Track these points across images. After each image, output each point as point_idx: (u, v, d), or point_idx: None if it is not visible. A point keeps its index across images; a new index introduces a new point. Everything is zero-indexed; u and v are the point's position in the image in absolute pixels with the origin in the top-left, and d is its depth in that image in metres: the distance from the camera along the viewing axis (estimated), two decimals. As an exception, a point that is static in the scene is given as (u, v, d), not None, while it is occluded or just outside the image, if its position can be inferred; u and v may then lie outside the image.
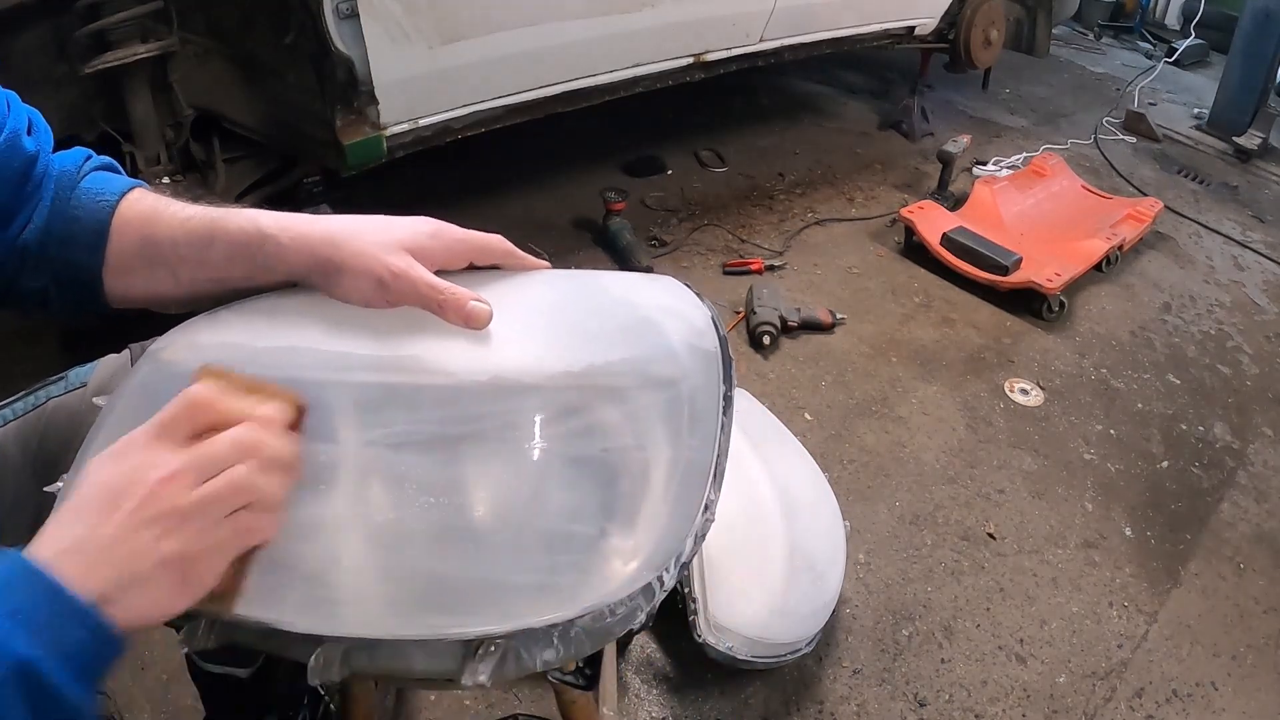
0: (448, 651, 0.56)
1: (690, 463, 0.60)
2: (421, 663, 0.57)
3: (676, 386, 0.62)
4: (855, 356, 2.17)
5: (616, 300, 0.70)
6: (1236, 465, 1.98)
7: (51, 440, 0.73)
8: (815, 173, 3.06)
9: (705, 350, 0.66)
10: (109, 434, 0.58)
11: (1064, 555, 1.69)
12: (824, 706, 1.38)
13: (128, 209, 0.67)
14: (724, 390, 0.65)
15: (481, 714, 1.32)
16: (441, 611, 0.55)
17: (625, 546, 0.56)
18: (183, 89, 1.69)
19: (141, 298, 0.70)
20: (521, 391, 0.59)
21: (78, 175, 0.68)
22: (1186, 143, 3.66)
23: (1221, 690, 1.48)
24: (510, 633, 0.54)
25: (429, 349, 0.61)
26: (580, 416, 0.59)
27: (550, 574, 0.55)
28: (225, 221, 0.65)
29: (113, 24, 1.51)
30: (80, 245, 0.66)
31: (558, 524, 0.56)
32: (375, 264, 0.62)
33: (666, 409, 0.61)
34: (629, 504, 0.57)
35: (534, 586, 0.55)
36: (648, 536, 0.56)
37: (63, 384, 0.77)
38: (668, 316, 0.67)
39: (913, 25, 3.08)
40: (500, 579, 0.55)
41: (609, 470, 0.58)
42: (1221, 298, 2.62)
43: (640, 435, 0.60)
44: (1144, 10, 5.12)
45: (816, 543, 1.41)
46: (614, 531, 0.56)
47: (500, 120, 2.06)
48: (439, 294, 0.62)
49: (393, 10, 1.68)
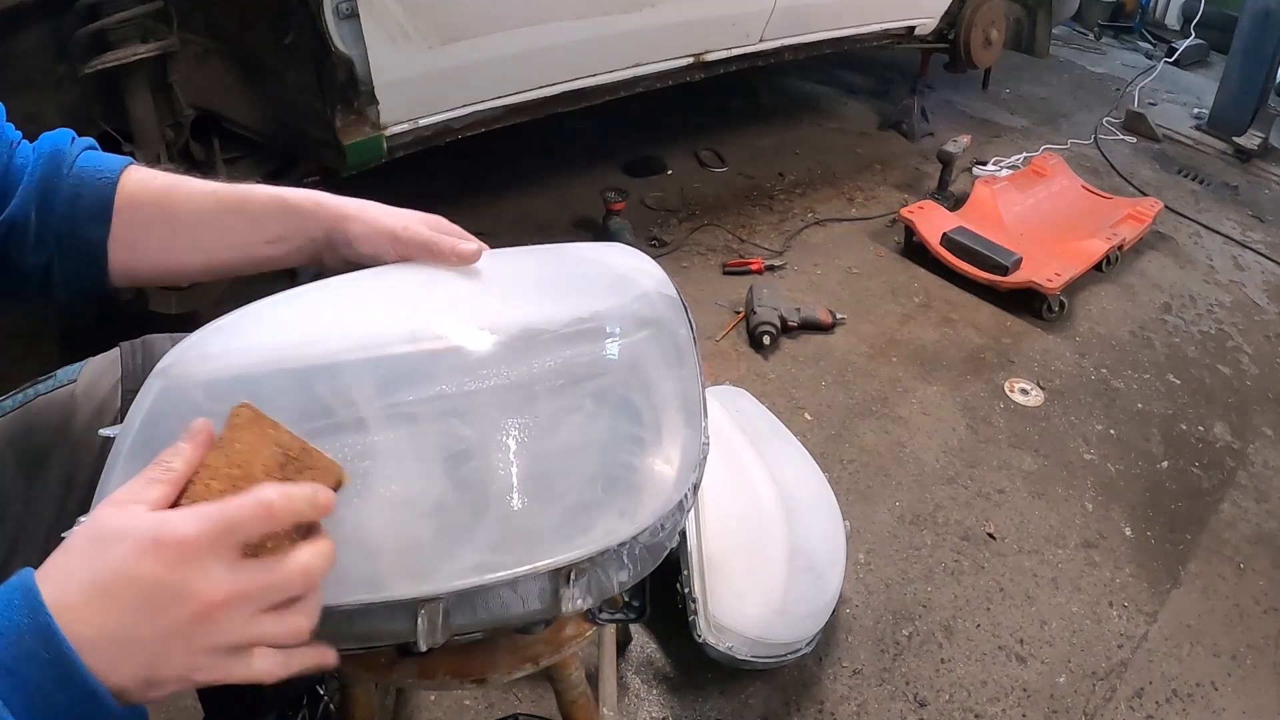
0: (538, 588, 0.60)
1: (686, 392, 0.68)
2: (517, 606, 0.60)
3: (660, 326, 0.70)
4: (855, 356, 2.17)
5: (591, 261, 0.79)
6: (1236, 465, 1.98)
7: (38, 436, 0.73)
8: (815, 173, 3.06)
9: (671, 297, 0.75)
10: (126, 467, 0.56)
11: (1064, 555, 1.69)
12: (824, 706, 1.38)
13: (134, 183, 0.69)
14: (693, 330, 0.74)
15: (481, 714, 1.32)
16: (525, 550, 0.58)
17: (661, 464, 0.63)
18: (183, 89, 1.69)
19: (149, 271, 0.72)
20: (545, 342, 0.64)
21: (70, 152, 0.69)
22: (1186, 143, 3.66)
23: (1221, 690, 1.48)
24: (592, 555, 0.59)
25: (449, 317, 0.66)
26: (596, 357, 0.66)
27: (610, 498, 0.61)
28: (252, 192, 0.71)
29: (113, 24, 1.51)
30: (85, 218, 0.68)
31: (604, 454, 0.62)
32: (388, 219, 0.71)
33: (658, 346, 0.69)
34: (654, 429, 0.64)
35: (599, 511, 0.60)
36: (674, 452, 0.64)
37: (51, 382, 0.77)
38: (635, 272, 0.76)
39: (913, 25, 3.08)
40: (569, 510, 0.60)
41: (629, 402, 0.65)
42: (1221, 298, 2.62)
43: (645, 370, 0.67)
44: (1144, 10, 5.12)
45: (816, 543, 1.41)
46: (649, 453, 0.63)
47: (500, 120, 2.06)
48: (439, 241, 0.70)
49: (393, 10, 1.68)
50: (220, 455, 0.50)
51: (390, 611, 0.56)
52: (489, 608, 0.59)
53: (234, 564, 0.46)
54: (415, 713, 1.31)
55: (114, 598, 0.44)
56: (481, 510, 0.59)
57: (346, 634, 0.57)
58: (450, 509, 0.58)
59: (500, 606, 0.59)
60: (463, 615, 0.59)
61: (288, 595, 0.48)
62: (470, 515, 0.58)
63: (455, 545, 0.57)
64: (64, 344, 1.85)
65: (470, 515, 0.58)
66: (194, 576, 0.45)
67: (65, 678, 0.42)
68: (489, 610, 0.59)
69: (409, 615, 0.57)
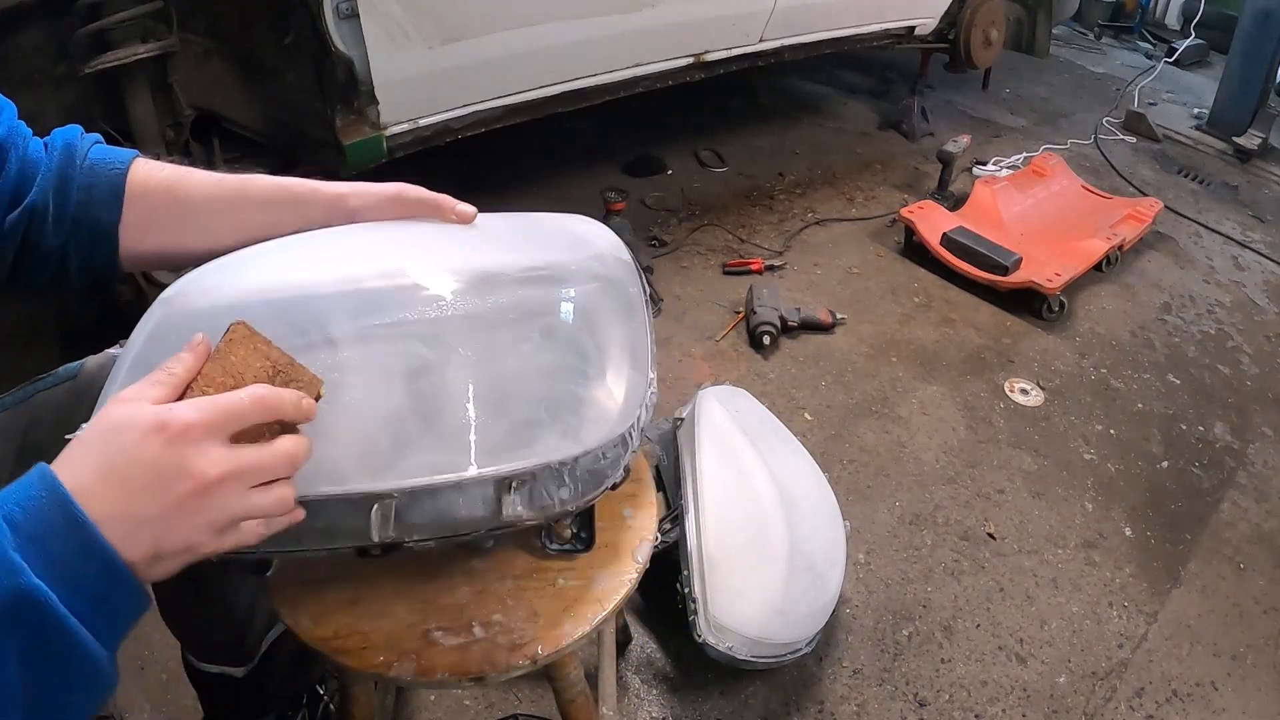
0: (482, 494, 0.65)
1: (634, 340, 0.74)
2: (463, 509, 0.64)
3: (612, 282, 0.77)
4: (855, 356, 2.17)
5: (553, 227, 0.87)
6: (1236, 465, 1.98)
7: (37, 431, 0.75)
8: (815, 173, 3.06)
9: (625, 260, 0.81)
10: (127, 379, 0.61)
11: (1064, 555, 1.69)
12: (824, 706, 1.38)
13: (143, 174, 0.74)
14: (646, 292, 0.80)
15: (481, 714, 1.32)
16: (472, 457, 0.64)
17: (606, 395, 0.70)
18: (183, 89, 1.69)
19: (157, 254, 0.77)
20: (503, 283, 0.72)
21: (82, 146, 0.74)
22: (1186, 143, 3.66)
23: (1221, 690, 1.48)
24: (534, 468, 0.65)
25: (419, 261, 0.74)
26: (549, 299, 0.73)
27: (553, 419, 0.67)
28: (253, 180, 0.77)
29: (113, 24, 1.51)
30: (99, 203, 0.72)
31: (551, 381, 0.69)
32: (384, 186, 0.79)
33: (609, 297, 0.76)
34: (599, 366, 0.71)
35: (544, 430, 0.66)
36: (620, 389, 0.70)
37: (51, 379, 0.80)
38: (593, 237, 0.84)
39: (913, 25, 3.08)
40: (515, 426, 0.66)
41: (578, 341, 0.72)
42: (1221, 298, 2.62)
43: (594, 316, 0.74)
44: (1144, 10, 5.12)
45: (816, 543, 1.41)
46: (594, 386, 0.70)
47: (500, 120, 2.06)
48: (441, 199, 0.79)
49: (393, 10, 1.68)
50: (216, 366, 0.56)
51: (349, 506, 0.62)
52: (437, 508, 0.64)
53: (229, 447, 0.52)
54: (415, 713, 1.31)
55: (124, 479, 0.49)
56: (434, 419, 0.65)
57: (310, 529, 0.61)
58: (406, 417, 0.64)
59: (448, 507, 0.64)
60: (413, 514, 0.64)
61: (273, 475, 0.54)
62: (423, 423, 0.65)
63: (408, 449, 0.64)
64: (64, 344, 1.85)
65: (423, 423, 0.65)
66: (195, 456, 0.51)
67: (87, 548, 0.47)
68: (438, 511, 0.64)
69: (365, 510, 0.62)
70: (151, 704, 1.30)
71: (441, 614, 0.75)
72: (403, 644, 0.73)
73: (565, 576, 0.79)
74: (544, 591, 0.78)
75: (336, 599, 0.76)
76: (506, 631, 0.74)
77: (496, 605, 0.76)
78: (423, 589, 0.77)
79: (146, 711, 1.29)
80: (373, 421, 0.64)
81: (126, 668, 1.31)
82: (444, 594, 0.77)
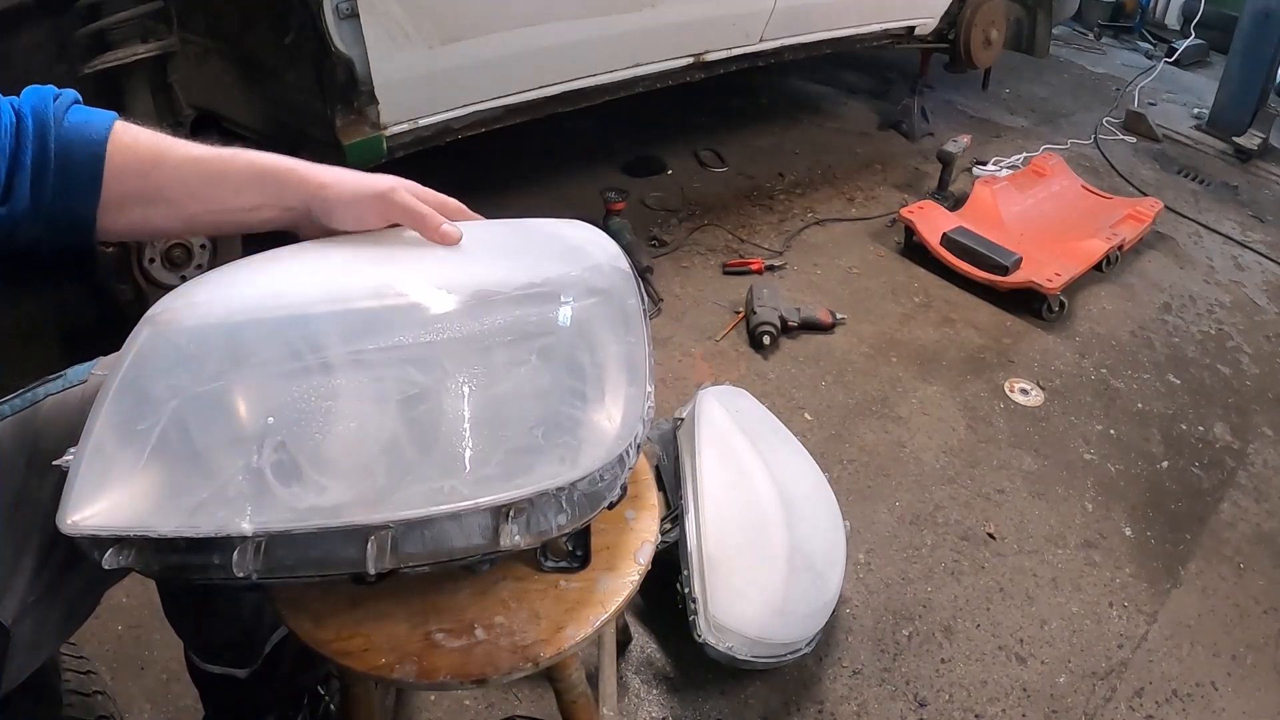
0: (479, 523, 0.63)
1: (631, 355, 0.72)
2: (460, 539, 0.64)
3: (610, 295, 0.75)
4: (855, 356, 2.18)
5: (548, 235, 0.84)
6: (1236, 465, 1.98)
7: (47, 435, 0.74)
8: (815, 173, 3.06)
9: (623, 270, 0.79)
10: (115, 402, 0.61)
11: (1064, 555, 1.69)
12: (824, 706, 1.38)
13: (121, 149, 0.70)
14: (644, 303, 0.78)
15: (481, 714, 1.32)
16: (469, 486, 0.62)
17: (604, 417, 0.68)
18: (183, 89, 1.69)
19: (130, 231, 0.75)
20: (498, 302, 0.71)
21: (54, 119, 0.69)
22: (1186, 143, 3.66)
23: (1221, 690, 1.48)
24: (531, 495, 0.63)
25: (411, 277, 0.72)
26: (546, 318, 0.71)
27: (550, 444, 0.65)
28: (234, 159, 0.75)
29: (113, 24, 1.51)
30: (77, 194, 0.69)
31: (547, 404, 0.67)
32: (372, 183, 0.76)
33: (606, 312, 0.74)
34: (596, 385, 0.69)
35: (541, 456, 0.64)
36: (617, 409, 0.68)
37: (61, 381, 0.78)
38: (590, 245, 0.81)
39: (913, 25, 3.08)
40: (511, 453, 0.64)
41: (575, 360, 0.70)
42: (1221, 298, 2.62)
43: (592, 332, 0.72)
44: (1144, 10, 5.12)
45: (816, 543, 1.41)
46: (591, 407, 0.68)
47: (500, 120, 2.06)
48: (428, 218, 0.76)
49: (393, 10, 1.67)
50: None
51: (344, 538, 0.61)
52: (434, 538, 0.63)
53: None
54: (415, 713, 1.31)
55: None
56: (430, 448, 0.64)
57: (304, 559, 0.61)
58: (402, 446, 0.64)
59: (444, 538, 0.63)
60: (410, 544, 0.63)
61: None
62: (419, 452, 0.64)
63: (405, 478, 0.63)
64: (64, 344, 1.85)
65: (419, 452, 0.64)
66: None
67: None
68: (434, 541, 0.63)
69: (360, 542, 0.61)
70: (152, 704, 1.30)
71: (443, 616, 0.75)
72: (405, 646, 0.73)
73: (567, 579, 0.79)
74: (546, 594, 0.78)
75: (338, 600, 0.76)
76: (508, 633, 0.74)
77: (498, 607, 0.76)
78: (424, 591, 0.77)
79: (147, 711, 1.29)
80: (368, 452, 0.63)
81: (126, 668, 1.32)
82: (445, 596, 0.77)
